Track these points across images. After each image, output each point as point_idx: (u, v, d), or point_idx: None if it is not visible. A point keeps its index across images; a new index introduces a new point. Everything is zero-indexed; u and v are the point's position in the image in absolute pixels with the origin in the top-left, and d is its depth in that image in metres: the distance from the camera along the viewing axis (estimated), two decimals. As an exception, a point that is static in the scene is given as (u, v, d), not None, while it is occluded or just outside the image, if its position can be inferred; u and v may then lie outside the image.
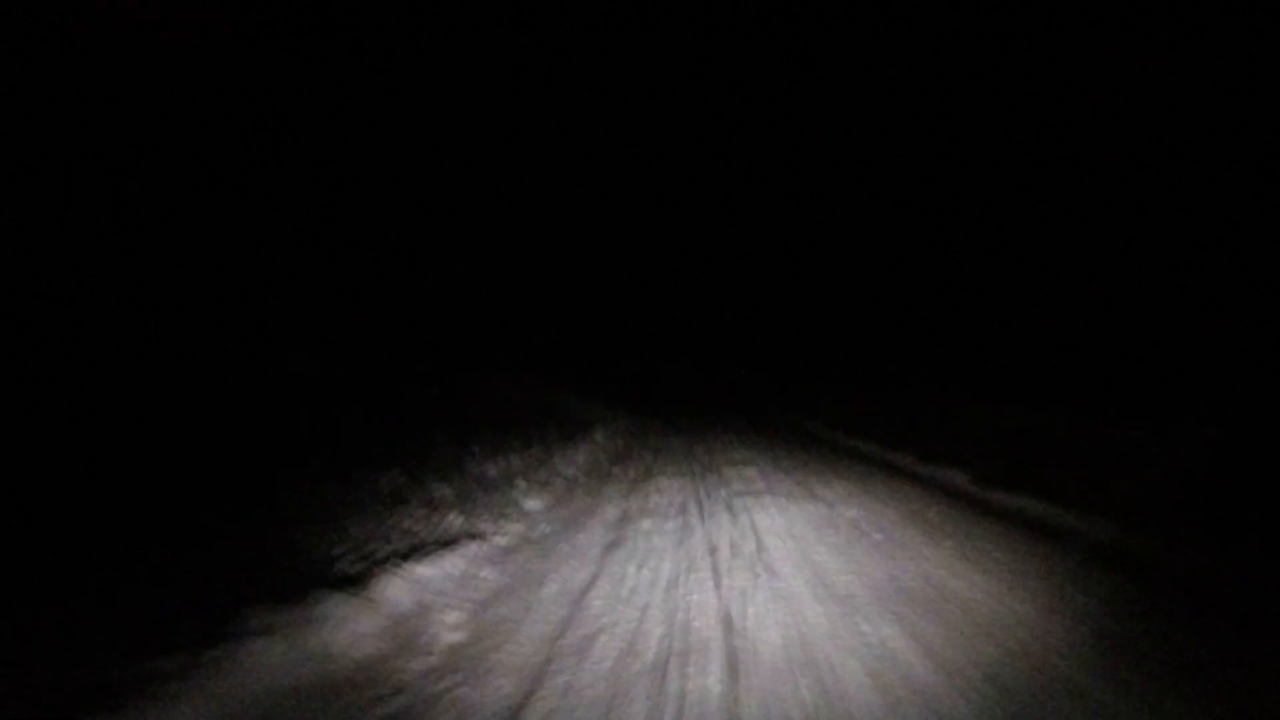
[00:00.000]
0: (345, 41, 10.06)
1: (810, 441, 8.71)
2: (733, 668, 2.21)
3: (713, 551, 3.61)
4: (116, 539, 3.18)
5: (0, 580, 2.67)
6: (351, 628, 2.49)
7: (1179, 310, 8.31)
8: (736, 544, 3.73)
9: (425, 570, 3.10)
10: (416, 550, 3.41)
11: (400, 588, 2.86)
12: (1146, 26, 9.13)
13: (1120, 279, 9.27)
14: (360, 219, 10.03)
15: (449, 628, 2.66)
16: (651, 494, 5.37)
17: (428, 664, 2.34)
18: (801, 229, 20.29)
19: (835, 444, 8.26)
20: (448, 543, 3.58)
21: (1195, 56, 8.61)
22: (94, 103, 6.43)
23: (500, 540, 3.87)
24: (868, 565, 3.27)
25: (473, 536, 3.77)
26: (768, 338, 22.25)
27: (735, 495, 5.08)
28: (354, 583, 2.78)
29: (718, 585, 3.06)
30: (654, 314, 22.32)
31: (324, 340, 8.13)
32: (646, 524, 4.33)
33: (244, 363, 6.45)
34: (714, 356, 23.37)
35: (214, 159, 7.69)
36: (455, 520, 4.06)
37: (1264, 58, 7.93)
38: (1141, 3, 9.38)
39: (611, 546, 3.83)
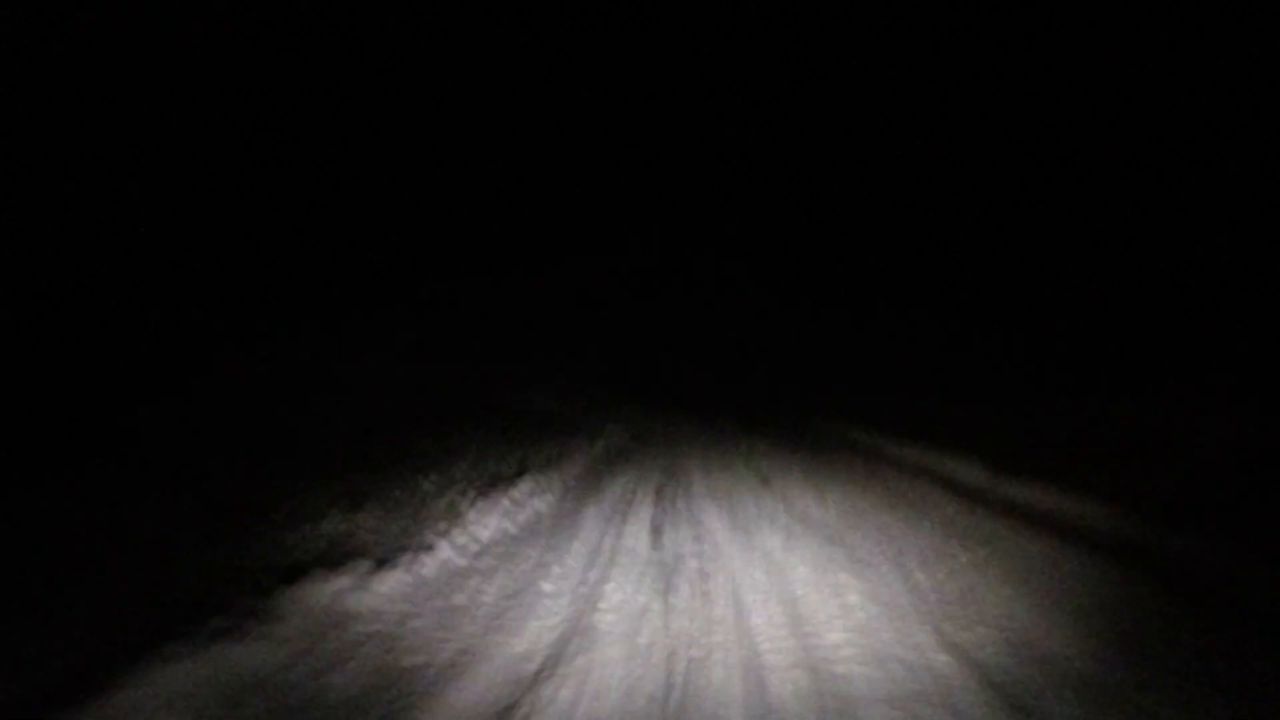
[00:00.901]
0: (345, 41, 10.07)
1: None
2: None
3: None
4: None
5: None
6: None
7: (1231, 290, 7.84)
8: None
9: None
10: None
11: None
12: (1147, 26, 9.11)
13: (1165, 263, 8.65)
14: (359, 220, 10.05)
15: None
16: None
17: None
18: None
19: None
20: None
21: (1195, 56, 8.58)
22: (94, 102, 6.44)
23: None
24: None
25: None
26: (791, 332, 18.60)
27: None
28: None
29: None
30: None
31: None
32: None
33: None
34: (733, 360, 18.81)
35: (214, 159, 7.70)
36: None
37: (1264, 58, 7.91)
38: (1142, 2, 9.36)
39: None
